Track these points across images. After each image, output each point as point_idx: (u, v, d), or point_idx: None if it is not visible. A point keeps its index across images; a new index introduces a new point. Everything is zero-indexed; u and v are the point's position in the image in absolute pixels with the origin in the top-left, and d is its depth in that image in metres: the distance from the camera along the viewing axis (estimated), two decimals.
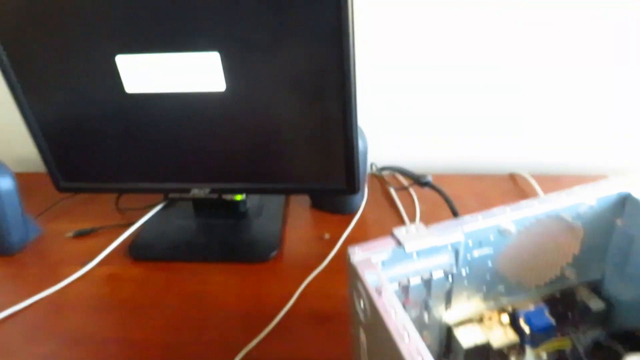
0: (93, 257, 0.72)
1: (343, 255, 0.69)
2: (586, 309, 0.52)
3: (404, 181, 0.83)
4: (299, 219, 0.78)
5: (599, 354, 0.42)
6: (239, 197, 0.73)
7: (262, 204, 0.79)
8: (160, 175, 0.70)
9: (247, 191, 0.70)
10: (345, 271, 0.46)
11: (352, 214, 0.77)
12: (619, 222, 0.48)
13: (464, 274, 0.47)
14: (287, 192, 0.70)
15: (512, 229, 0.45)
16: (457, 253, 0.45)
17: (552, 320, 0.51)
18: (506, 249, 0.47)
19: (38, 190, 0.86)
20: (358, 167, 0.64)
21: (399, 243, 0.41)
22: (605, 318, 0.51)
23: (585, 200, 0.46)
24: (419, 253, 0.43)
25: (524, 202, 0.45)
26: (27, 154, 0.93)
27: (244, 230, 0.74)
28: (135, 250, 0.72)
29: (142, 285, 0.68)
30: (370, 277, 0.38)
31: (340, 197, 0.76)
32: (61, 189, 0.73)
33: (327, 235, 0.73)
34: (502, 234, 0.45)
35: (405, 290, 0.45)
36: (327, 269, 0.67)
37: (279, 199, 0.80)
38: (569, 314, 0.52)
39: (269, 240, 0.72)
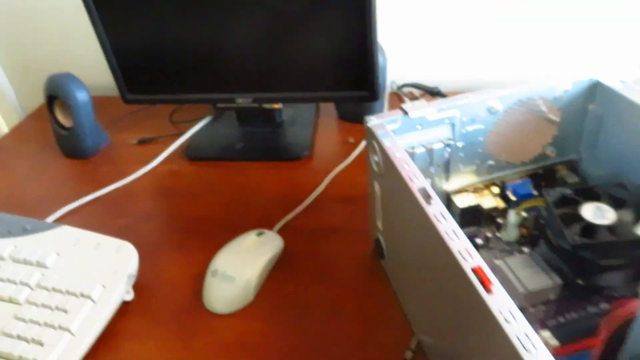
0: (155, 158, 0.86)
1: (365, 155, 0.81)
2: (564, 184, 0.63)
3: (418, 94, 0.93)
4: (327, 128, 0.90)
5: (563, 204, 0.53)
6: (276, 106, 0.85)
7: (296, 115, 0.91)
8: (209, 86, 0.82)
9: (284, 100, 0.82)
10: (366, 166, 0.58)
11: None
12: (590, 107, 0.58)
13: (459, 146, 0.58)
14: (318, 100, 0.82)
15: (499, 107, 0.56)
16: (453, 126, 0.56)
17: (535, 192, 0.62)
18: (494, 127, 0.58)
19: (108, 109, 1.00)
20: (377, 76, 0.75)
21: (405, 113, 0.53)
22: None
23: (562, 84, 0.56)
24: (422, 125, 0.55)
25: (508, 84, 0.55)
26: (101, 81, 1.07)
27: (280, 136, 0.87)
28: (191, 151, 0.86)
29: (198, 178, 0.82)
30: (383, 136, 0.50)
31: (363, 107, 0.87)
32: (127, 101, 0.86)
33: (351, 140, 0.85)
34: (491, 111, 0.56)
35: (411, 158, 0.57)
36: (351, 165, 0.80)
37: (311, 111, 0.92)
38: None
39: (302, 143, 0.84)
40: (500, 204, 0.62)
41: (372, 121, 0.52)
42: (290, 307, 0.59)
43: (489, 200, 0.62)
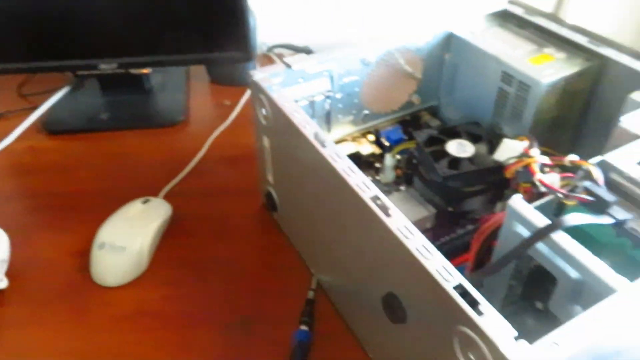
0: (8, 135, 0.77)
1: (245, 115, 0.81)
2: (428, 126, 0.70)
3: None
4: (200, 92, 0.88)
5: (431, 143, 0.60)
6: (145, 71, 0.81)
7: (166, 81, 0.88)
8: (67, 52, 0.75)
9: (153, 64, 0.78)
10: (248, 126, 0.58)
11: (247, 85, 0.88)
12: (446, 56, 0.66)
13: (338, 97, 0.62)
14: (190, 63, 0.80)
15: (372, 58, 0.60)
16: (332, 79, 0.59)
17: (405, 136, 0.69)
18: (368, 78, 0.62)
19: None
20: (249, 36, 0.75)
21: (288, 66, 0.55)
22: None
23: (423, 36, 0.62)
24: (303, 78, 0.57)
25: (376, 37, 0.60)
26: None
27: (151, 103, 0.83)
28: (50, 125, 0.79)
29: (62, 153, 0.75)
30: (270, 89, 0.51)
31: (235, 69, 0.87)
32: None
33: (227, 102, 0.84)
34: (364, 62, 0.60)
35: None
36: (231, 126, 0.80)
37: (180, 76, 0.89)
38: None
39: (175, 108, 0.82)
40: (376, 150, 0.68)
41: (257, 75, 0.53)
42: (189, 270, 0.59)
43: (367, 147, 0.67)
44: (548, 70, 0.55)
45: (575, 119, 0.60)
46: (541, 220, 0.37)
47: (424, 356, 0.39)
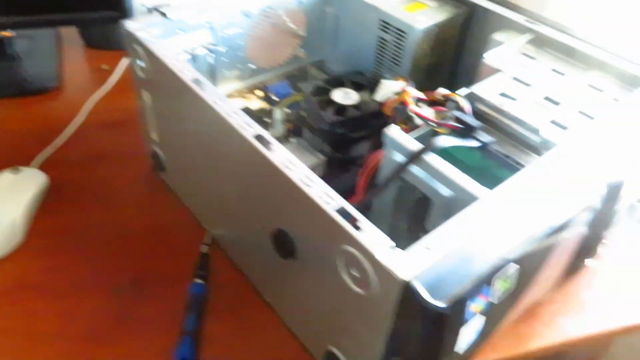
0: None
1: (125, 79, 0.77)
2: (317, 80, 0.71)
3: None
4: (74, 57, 0.82)
5: (318, 94, 0.61)
6: (7, 34, 0.73)
7: (33, 46, 0.80)
8: None
9: (16, 25, 0.71)
10: (130, 90, 0.55)
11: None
12: (328, 9, 0.67)
13: (222, 51, 0.60)
14: (59, 24, 0.74)
15: (254, 10, 0.59)
16: (213, 30, 0.58)
17: (293, 91, 0.69)
18: (252, 31, 0.62)
19: None
20: None
21: (163, 14, 0.52)
22: None
23: None
24: (183, 29, 0.55)
25: None
26: None
27: (17, 70, 0.76)
28: None
29: None
30: (147, 39, 0.49)
31: (110, 31, 0.81)
32: None
33: (105, 66, 0.79)
34: (246, 14, 0.59)
35: None
36: (111, 91, 0.75)
37: (49, 40, 0.82)
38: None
39: (46, 74, 0.75)
40: (265, 105, 0.67)
41: (131, 25, 0.50)
42: (71, 237, 0.55)
43: (256, 103, 0.66)
44: (421, 17, 0.58)
45: (449, 63, 0.64)
46: (414, 145, 0.39)
47: (316, 290, 0.40)
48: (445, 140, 0.39)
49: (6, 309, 0.48)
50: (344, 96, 0.60)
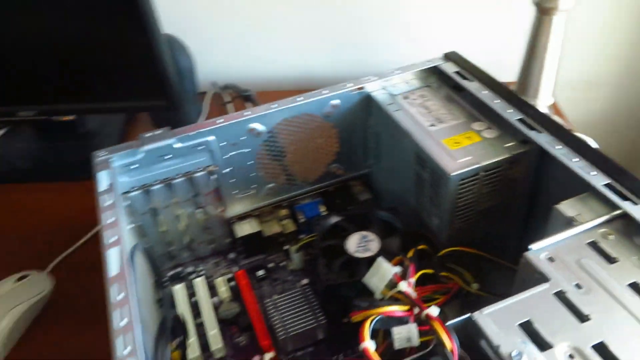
0: None
1: None
2: (357, 201, 0.59)
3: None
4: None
5: (335, 233, 0.49)
6: (66, 118, 0.75)
7: (104, 124, 0.81)
8: None
9: (72, 112, 0.72)
10: None
11: None
12: (369, 121, 0.54)
13: (227, 171, 0.52)
14: (110, 111, 0.73)
15: (261, 128, 0.50)
16: (212, 152, 0.50)
17: (322, 211, 0.58)
18: (265, 149, 0.52)
19: None
20: (171, 83, 0.67)
21: (140, 145, 0.46)
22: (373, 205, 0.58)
23: (328, 99, 0.51)
24: (172, 153, 0.48)
25: (265, 106, 0.49)
26: None
27: (81, 150, 0.77)
28: None
29: None
30: (100, 178, 0.43)
31: (178, 112, 0.79)
32: None
33: None
34: (252, 134, 0.50)
35: (170, 187, 0.50)
36: None
37: (119, 119, 0.83)
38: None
39: None
40: (289, 226, 0.57)
41: (100, 156, 0.45)
42: None
43: (274, 226, 0.57)
44: (464, 157, 0.43)
45: (522, 206, 0.47)
46: None
47: None
48: None
49: None
50: (361, 244, 0.47)
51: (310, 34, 0.88)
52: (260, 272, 0.54)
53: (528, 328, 0.30)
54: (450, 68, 0.51)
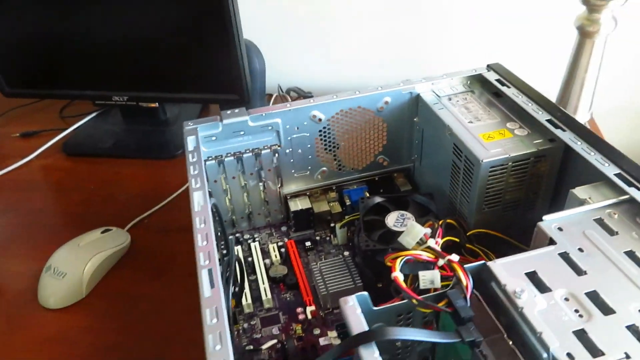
0: (33, 152, 0.86)
1: None
2: (397, 190, 0.66)
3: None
4: None
5: (377, 211, 0.56)
6: (152, 105, 0.86)
7: (180, 114, 0.92)
8: (88, 82, 0.83)
9: (157, 99, 0.83)
10: None
11: None
12: (415, 119, 0.61)
13: (288, 152, 0.60)
14: (189, 101, 0.84)
15: (321, 116, 0.58)
16: (278, 133, 0.58)
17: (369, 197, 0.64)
18: (322, 135, 0.60)
19: None
20: (247, 80, 0.77)
21: (220, 119, 0.55)
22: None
23: (383, 95, 0.59)
24: (245, 131, 0.57)
25: (327, 96, 0.57)
26: None
27: (159, 134, 0.88)
28: (68, 146, 0.86)
29: (69, 173, 0.82)
30: (190, 141, 0.52)
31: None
32: (6, 94, 0.86)
33: None
34: (314, 120, 0.58)
35: (239, 161, 0.59)
36: None
37: (196, 110, 0.93)
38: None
39: (179, 141, 0.85)
40: (336, 208, 0.65)
41: (189, 125, 0.54)
42: (122, 304, 0.60)
43: (324, 205, 0.64)
44: (496, 148, 0.49)
45: (544, 202, 0.53)
46: (358, 328, 0.33)
47: None
48: (400, 332, 0.32)
49: (38, 357, 0.55)
50: (399, 220, 0.54)
51: (366, 48, 0.97)
52: (308, 244, 0.62)
53: (532, 277, 0.36)
54: (492, 76, 0.58)
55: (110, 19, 0.76)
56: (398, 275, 0.37)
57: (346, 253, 0.60)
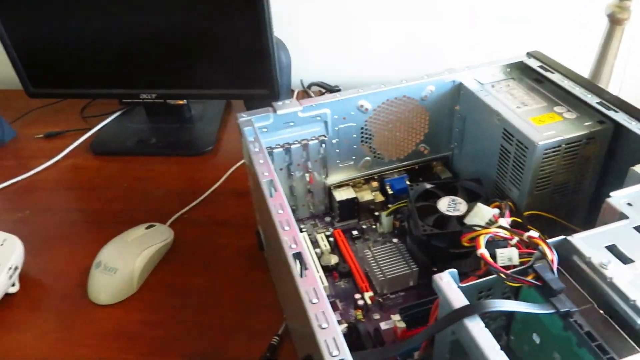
0: (60, 152, 0.86)
1: None
2: (437, 178, 0.67)
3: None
4: (236, 125, 0.91)
5: (425, 198, 0.57)
6: (180, 102, 0.86)
7: (205, 111, 0.93)
8: (114, 81, 0.83)
9: (186, 96, 0.84)
10: None
11: None
12: (456, 108, 0.63)
13: (334, 142, 0.61)
14: (220, 97, 0.85)
15: (368, 105, 0.59)
16: (326, 124, 0.59)
17: (411, 185, 0.66)
18: (367, 125, 0.61)
19: (15, 102, 0.98)
20: (277, 75, 0.78)
21: (274, 110, 0.56)
22: None
23: (427, 84, 0.60)
24: (295, 122, 0.58)
25: (375, 85, 0.59)
26: (5, 73, 1.04)
27: (186, 132, 0.88)
28: (95, 146, 0.86)
29: (99, 172, 0.82)
30: (249, 132, 0.53)
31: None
32: (31, 95, 0.86)
33: None
34: (361, 110, 0.59)
35: (288, 152, 0.60)
36: None
37: (220, 107, 0.94)
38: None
39: (207, 138, 0.86)
40: (378, 197, 0.66)
41: (243, 117, 0.55)
42: (172, 297, 0.61)
43: (367, 194, 0.65)
44: (548, 131, 0.50)
45: (591, 185, 0.54)
46: (458, 301, 0.34)
47: None
48: (500, 304, 0.33)
49: (98, 352, 0.55)
50: (451, 205, 0.55)
51: (390, 43, 0.98)
52: (355, 232, 0.63)
53: (613, 250, 0.37)
54: (533, 63, 0.60)
55: (138, 16, 0.76)
56: (484, 251, 0.38)
57: (395, 240, 0.61)
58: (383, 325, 0.53)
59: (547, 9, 0.90)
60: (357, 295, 0.55)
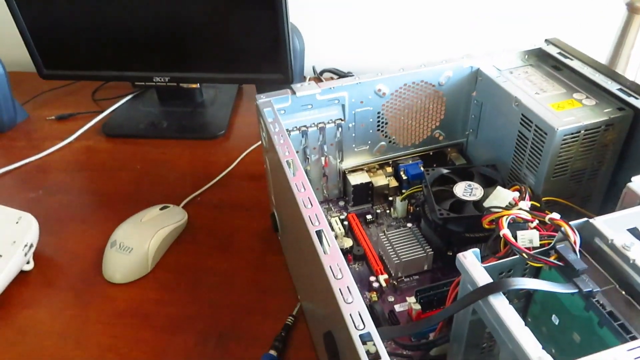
0: (72, 134, 0.86)
1: None
2: (452, 164, 0.67)
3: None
4: (248, 110, 0.92)
5: (442, 183, 0.57)
6: (193, 86, 0.86)
7: (217, 95, 0.93)
8: (127, 64, 0.83)
9: (199, 80, 0.83)
10: None
11: None
12: (473, 94, 0.63)
13: (350, 126, 0.61)
14: (234, 81, 0.85)
15: (386, 90, 0.59)
16: (343, 107, 0.59)
17: (425, 171, 0.66)
18: (384, 109, 0.61)
19: (28, 84, 0.98)
20: (292, 60, 0.77)
21: (293, 92, 0.56)
22: None
23: (444, 70, 0.60)
24: (313, 104, 0.58)
25: (393, 70, 0.59)
26: (18, 55, 1.04)
27: (199, 115, 0.88)
28: (108, 128, 0.86)
29: (112, 154, 0.82)
30: (268, 113, 0.53)
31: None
32: (43, 76, 0.86)
33: None
34: (378, 94, 0.59)
35: (304, 135, 0.60)
36: None
37: (231, 92, 0.94)
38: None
39: (219, 122, 0.86)
40: (393, 182, 0.66)
41: (261, 99, 0.55)
42: (187, 277, 0.61)
43: (382, 179, 0.65)
44: (568, 117, 0.50)
45: (607, 172, 0.55)
46: (483, 278, 0.34)
47: None
48: (524, 282, 0.33)
49: (114, 329, 0.55)
50: (467, 190, 0.55)
51: (403, 32, 0.98)
52: (369, 216, 0.63)
53: (635, 232, 0.37)
54: (552, 50, 0.59)
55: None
56: (506, 232, 0.38)
57: (409, 225, 0.61)
58: (397, 308, 0.53)
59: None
60: (372, 278, 0.55)
